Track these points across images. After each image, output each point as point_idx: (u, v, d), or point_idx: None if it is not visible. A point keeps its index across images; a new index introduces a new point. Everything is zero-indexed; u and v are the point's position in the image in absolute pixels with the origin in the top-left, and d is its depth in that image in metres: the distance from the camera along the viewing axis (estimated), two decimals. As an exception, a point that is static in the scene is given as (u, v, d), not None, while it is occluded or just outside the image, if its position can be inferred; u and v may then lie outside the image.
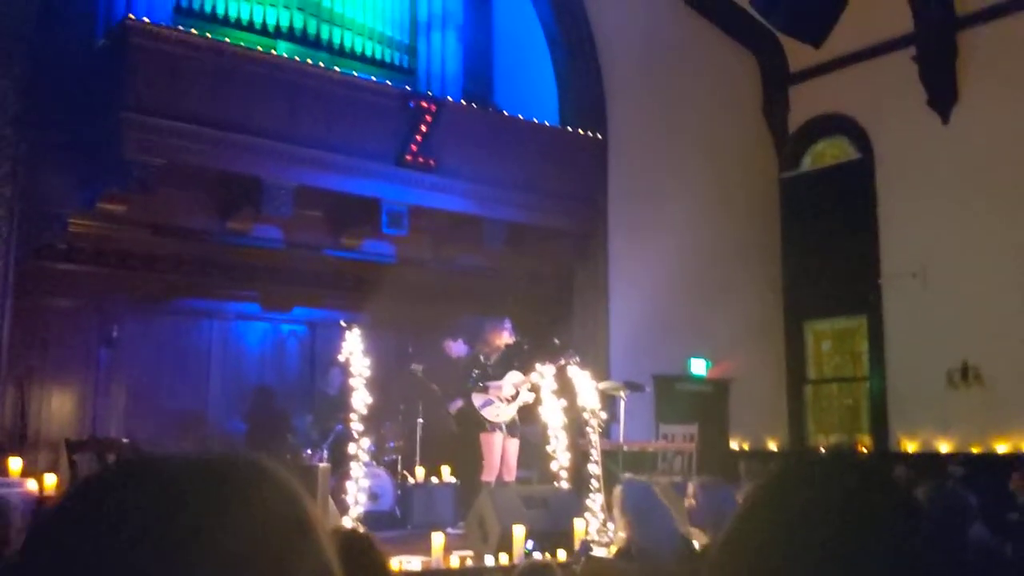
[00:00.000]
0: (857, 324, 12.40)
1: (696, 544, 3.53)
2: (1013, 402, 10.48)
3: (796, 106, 13.05)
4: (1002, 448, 10.66)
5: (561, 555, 6.28)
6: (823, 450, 12.17)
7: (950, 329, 11.03)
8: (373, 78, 9.80)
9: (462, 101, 10.18)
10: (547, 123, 10.72)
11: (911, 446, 11.43)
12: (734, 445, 12.10)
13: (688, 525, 3.43)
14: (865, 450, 11.89)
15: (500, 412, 7.61)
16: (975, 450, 10.82)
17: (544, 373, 7.49)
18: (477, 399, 7.65)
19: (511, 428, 7.68)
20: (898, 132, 11.88)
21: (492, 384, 7.66)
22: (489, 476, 7.54)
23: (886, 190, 12.06)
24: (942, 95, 11.47)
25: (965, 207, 11.08)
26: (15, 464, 6.45)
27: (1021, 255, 10.58)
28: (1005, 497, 8.40)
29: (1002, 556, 4.22)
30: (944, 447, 11.12)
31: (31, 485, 6.28)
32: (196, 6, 9.42)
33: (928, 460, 10.75)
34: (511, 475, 7.75)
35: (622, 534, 4.39)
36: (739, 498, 3.55)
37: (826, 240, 12.20)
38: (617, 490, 4.43)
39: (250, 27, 9.76)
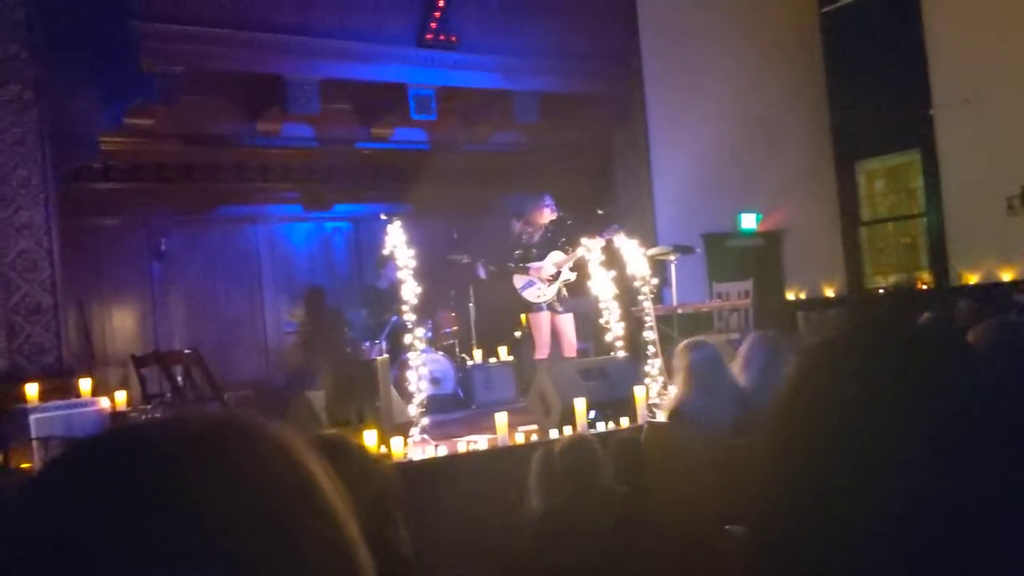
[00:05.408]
0: (910, 159, 11.99)
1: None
2: (1078, 224, 10.14)
3: (832, -66, 12.29)
4: (1068, 272, 10.39)
5: (624, 422, 6.34)
6: (881, 291, 12.01)
7: (1007, 154, 10.60)
8: (384, -44, 9.42)
9: (479, -31, 9.76)
10: (571, -17, 10.24)
11: (973, 279, 11.20)
12: (791, 296, 11.98)
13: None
14: (925, 287, 11.69)
15: (541, 292, 7.61)
16: (1039, 276, 10.57)
17: (591, 247, 7.39)
18: (518, 281, 7.63)
19: (559, 305, 7.66)
20: (944, -51, 11.15)
21: (533, 265, 7.61)
22: (542, 353, 7.58)
23: (933, 14, 11.41)
24: (990, -97, 10.68)
25: (1016, 24, 10.45)
26: (85, 384, 6.63)
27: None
28: (1073, 321, 8.22)
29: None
30: (1007, 276, 10.88)
31: (104, 403, 6.48)
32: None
33: (991, 291, 10.54)
34: (572, 350, 7.76)
35: (675, 393, 4.35)
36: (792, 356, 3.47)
37: (873, 74, 11.67)
38: (680, 347, 4.35)
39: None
